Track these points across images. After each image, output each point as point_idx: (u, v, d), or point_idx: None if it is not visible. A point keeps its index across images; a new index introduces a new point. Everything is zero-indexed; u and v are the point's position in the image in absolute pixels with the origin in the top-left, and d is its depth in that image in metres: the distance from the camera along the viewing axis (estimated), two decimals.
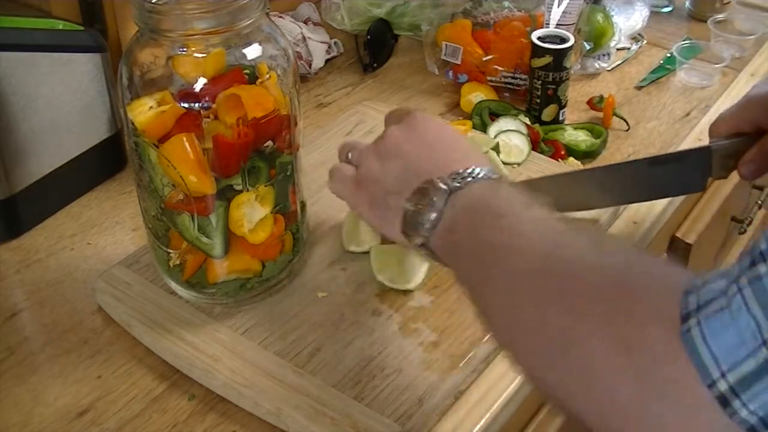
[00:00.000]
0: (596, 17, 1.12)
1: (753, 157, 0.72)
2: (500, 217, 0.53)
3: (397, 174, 0.63)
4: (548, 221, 0.52)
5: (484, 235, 0.54)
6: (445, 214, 0.57)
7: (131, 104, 0.65)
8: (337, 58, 1.18)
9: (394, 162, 0.63)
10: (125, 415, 0.66)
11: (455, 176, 0.58)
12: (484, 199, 0.56)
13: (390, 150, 0.64)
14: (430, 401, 0.65)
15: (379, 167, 0.64)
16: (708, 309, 0.39)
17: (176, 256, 0.70)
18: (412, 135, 0.65)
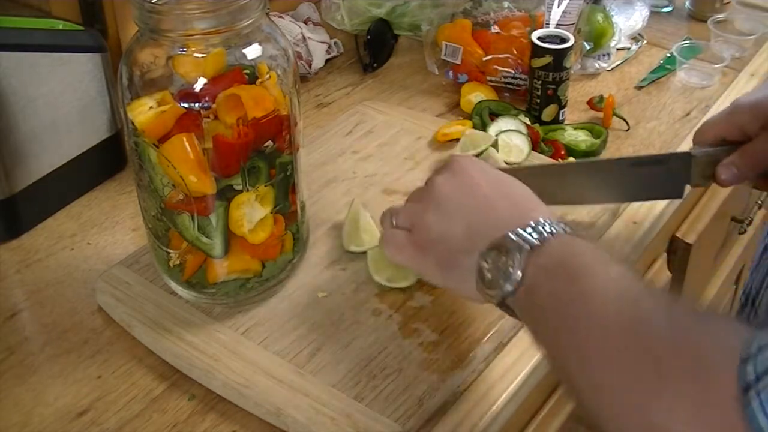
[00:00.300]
0: (596, 17, 1.12)
1: (734, 161, 0.71)
2: (578, 279, 0.53)
3: (463, 231, 0.61)
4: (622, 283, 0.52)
5: (562, 300, 0.53)
6: (524, 277, 0.56)
7: (131, 104, 0.65)
8: (337, 58, 1.18)
9: (454, 219, 0.62)
10: (125, 415, 0.66)
11: (531, 230, 0.57)
12: (561, 259, 0.55)
13: (445, 205, 0.62)
14: (430, 401, 0.65)
15: (440, 226, 0.62)
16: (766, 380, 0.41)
17: (176, 256, 0.70)
18: (463, 185, 0.63)
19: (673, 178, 0.75)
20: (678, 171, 0.74)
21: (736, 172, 0.71)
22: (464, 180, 0.63)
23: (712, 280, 1.36)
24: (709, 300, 1.33)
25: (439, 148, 0.94)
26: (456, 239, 0.61)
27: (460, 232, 0.61)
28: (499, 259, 0.57)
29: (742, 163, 0.70)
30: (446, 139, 0.95)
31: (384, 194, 0.87)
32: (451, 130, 0.95)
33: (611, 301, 0.51)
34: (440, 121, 1.01)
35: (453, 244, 0.61)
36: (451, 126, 0.96)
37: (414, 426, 0.63)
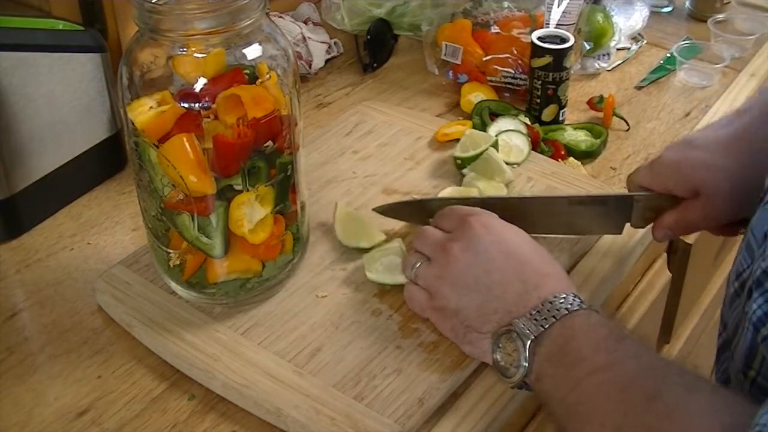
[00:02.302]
0: (596, 17, 1.12)
1: (669, 224, 0.73)
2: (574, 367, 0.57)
3: (476, 310, 0.65)
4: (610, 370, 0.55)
5: (563, 390, 0.58)
6: (533, 365, 0.60)
7: (131, 104, 0.65)
8: (337, 58, 1.18)
9: (469, 294, 0.65)
10: (125, 415, 0.66)
11: (537, 314, 0.61)
12: (561, 346, 0.59)
13: (459, 279, 0.66)
14: (430, 401, 0.65)
15: (455, 300, 0.66)
16: None
17: (176, 256, 0.70)
18: (477, 258, 0.66)
19: (613, 217, 0.76)
20: (619, 211, 0.75)
21: (670, 234, 0.73)
22: (480, 253, 0.66)
23: (712, 280, 1.36)
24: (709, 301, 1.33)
25: (439, 148, 0.94)
26: (470, 317, 0.65)
27: (474, 311, 0.65)
28: (507, 346, 0.62)
29: (676, 227, 0.73)
30: (446, 139, 0.95)
31: (384, 194, 0.87)
32: (451, 130, 0.95)
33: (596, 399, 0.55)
34: (440, 121, 1.01)
35: (467, 322, 0.65)
36: (451, 126, 0.96)
37: (414, 426, 0.63)
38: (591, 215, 0.76)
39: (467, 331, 0.66)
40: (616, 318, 0.89)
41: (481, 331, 0.65)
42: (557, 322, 0.60)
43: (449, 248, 0.67)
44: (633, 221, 0.75)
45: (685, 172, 0.70)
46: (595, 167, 0.96)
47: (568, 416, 0.57)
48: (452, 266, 0.66)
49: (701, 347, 1.32)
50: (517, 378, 0.61)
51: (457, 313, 0.66)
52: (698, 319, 1.30)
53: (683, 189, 0.71)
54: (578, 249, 0.80)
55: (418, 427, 0.64)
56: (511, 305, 0.63)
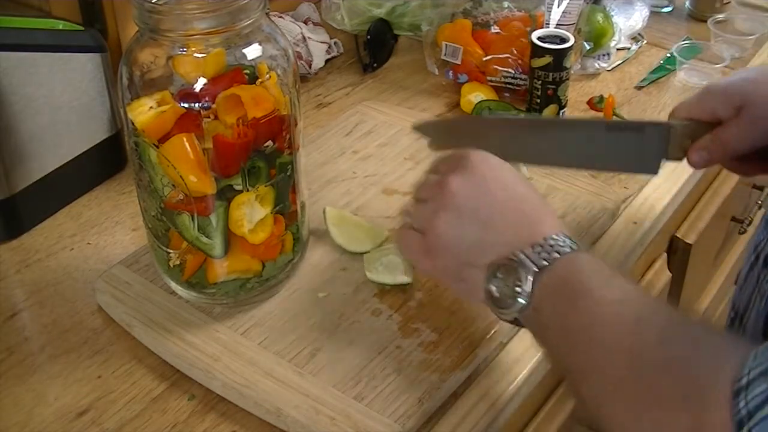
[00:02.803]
0: (596, 17, 1.12)
1: (705, 144, 0.71)
2: (580, 298, 0.55)
3: (473, 242, 0.62)
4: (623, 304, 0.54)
5: (565, 321, 0.56)
6: (532, 297, 0.57)
7: (131, 104, 0.65)
8: (337, 58, 1.18)
9: (466, 228, 0.62)
10: (125, 415, 0.66)
11: (540, 250, 0.58)
12: (566, 279, 0.57)
13: (458, 211, 0.62)
14: (430, 401, 0.65)
15: (451, 233, 0.62)
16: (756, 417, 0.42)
17: (176, 256, 0.70)
18: (478, 190, 0.63)
19: (650, 150, 0.72)
20: (655, 142, 0.72)
21: (706, 156, 0.71)
22: (478, 184, 0.63)
23: (712, 280, 1.36)
24: (709, 301, 1.33)
25: None
26: (465, 251, 0.62)
27: (470, 244, 0.62)
28: (507, 278, 0.59)
29: (713, 148, 0.71)
30: None
31: (384, 194, 0.87)
32: None
33: (609, 324, 0.53)
34: None
35: (462, 256, 0.62)
36: None
37: (414, 426, 0.63)
38: (627, 145, 0.72)
39: (462, 267, 0.62)
40: None
41: (476, 265, 0.61)
42: (562, 257, 0.58)
43: (446, 182, 0.63)
44: (670, 152, 0.72)
45: (731, 91, 0.70)
46: None
47: (569, 346, 0.55)
48: (449, 199, 0.63)
49: None
50: (515, 308, 0.58)
51: (453, 248, 0.62)
52: None
53: (728, 106, 0.70)
54: None
55: (418, 427, 0.64)
56: (511, 238, 0.60)
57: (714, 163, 0.71)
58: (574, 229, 0.82)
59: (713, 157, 0.71)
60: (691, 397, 0.46)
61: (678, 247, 1.04)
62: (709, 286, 1.35)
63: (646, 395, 0.48)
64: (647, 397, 0.48)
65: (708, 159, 0.71)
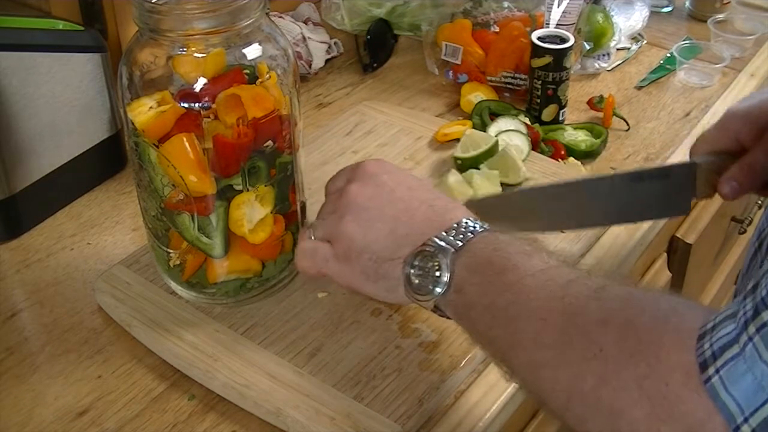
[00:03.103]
0: (596, 17, 1.12)
1: (734, 174, 0.68)
2: (504, 272, 0.54)
3: (386, 239, 0.61)
4: (548, 271, 0.53)
5: (492, 295, 0.54)
6: (453, 278, 0.57)
7: (131, 104, 0.65)
8: (337, 58, 1.18)
9: (375, 226, 0.61)
10: (125, 415, 0.66)
11: (453, 232, 0.58)
12: (486, 257, 0.56)
13: (365, 213, 0.62)
14: (430, 401, 0.65)
15: (362, 236, 0.61)
16: (723, 357, 0.42)
17: (176, 256, 0.70)
18: (380, 192, 0.62)
19: (678, 192, 0.69)
20: (682, 183, 0.68)
21: (737, 186, 0.68)
22: (379, 186, 0.62)
23: (712, 280, 1.36)
24: (709, 301, 1.33)
25: (439, 148, 0.94)
26: (380, 248, 0.61)
27: (384, 241, 0.61)
28: (425, 264, 0.58)
29: (742, 177, 0.68)
30: (446, 139, 0.95)
31: None
32: (451, 130, 0.95)
33: (539, 291, 0.51)
34: (440, 121, 1.01)
35: (378, 254, 0.61)
36: (451, 126, 0.96)
37: (414, 426, 0.63)
38: (656, 192, 0.68)
39: (378, 265, 0.61)
40: None
41: (393, 258, 0.60)
42: (479, 236, 0.57)
43: (347, 190, 0.62)
44: (698, 191, 0.68)
45: (755, 113, 0.67)
46: (595, 167, 0.96)
47: (497, 321, 0.53)
48: (353, 204, 0.62)
49: None
50: (436, 293, 0.57)
51: (365, 249, 0.61)
52: None
53: (751, 132, 0.67)
54: (577, 250, 0.80)
55: (418, 427, 0.64)
56: (423, 227, 0.59)
57: (746, 192, 0.69)
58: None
59: (744, 186, 0.68)
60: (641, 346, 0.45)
61: (678, 247, 1.04)
62: (709, 286, 1.35)
63: (586, 352, 0.47)
64: (588, 353, 0.47)
65: (739, 189, 0.68)
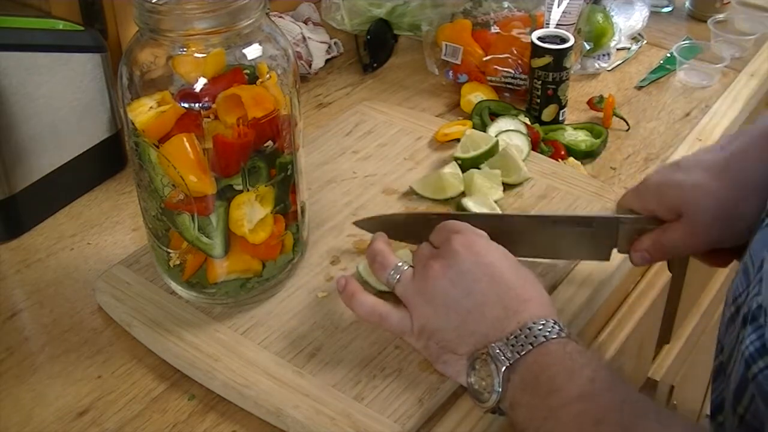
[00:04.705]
0: (596, 17, 1.12)
1: (646, 246, 0.70)
2: (549, 396, 0.57)
3: (453, 331, 0.63)
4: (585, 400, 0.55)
5: (538, 420, 0.57)
6: (507, 392, 0.59)
7: (131, 104, 0.65)
8: (337, 58, 1.18)
9: (448, 317, 0.63)
10: (125, 415, 0.66)
11: (514, 340, 0.60)
12: (535, 374, 0.58)
13: (439, 297, 0.64)
14: (430, 401, 0.65)
15: (434, 321, 0.64)
16: None
17: (176, 256, 0.70)
18: (460, 278, 0.64)
19: (600, 241, 0.72)
20: (605, 234, 0.72)
21: (648, 257, 0.70)
22: (462, 273, 0.64)
23: (712, 280, 1.36)
24: (709, 300, 1.33)
25: (439, 148, 0.94)
26: (447, 339, 0.63)
27: (452, 333, 0.63)
28: (482, 368, 0.61)
29: (653, 250, 0.70)
30: (446, 139, 0.95)
31: (384, 194, 0.87)
32: (451, 130, 0.95)
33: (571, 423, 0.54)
34: (440, 121, 1.01)
35: (443, 342, 0.64)
36: (451, 126, 0.96)
37: (414, 426, 0.63)
38: (577, 237, 0.73)
39: (442, 351, 0.64)
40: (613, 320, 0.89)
41: (456, 353, 0.63)
42: (533, 349, 0.59)
43: (430, 266, 0.65)
44: (619, 245, 0.72)
45: (669, 192, 0.68)
46: (595, 167, 0.96)
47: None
48: (432, 284, 0.64)
49: (701, 347, 1.32)
50: (490, 404, 0.60)
51: (433, 335, 0.64)
52: (698, 319, 1.30)
53: (666, 210, 0.68)
54: None
55: (418, 427, 0.64)
56: (488, 329, 0.62)
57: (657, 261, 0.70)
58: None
59: (654, 258, 0.70)
60: None
61: None
62: (709, 286, 1.35)
63: None
64: None
65: (649, 260, 0.71)
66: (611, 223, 0.71)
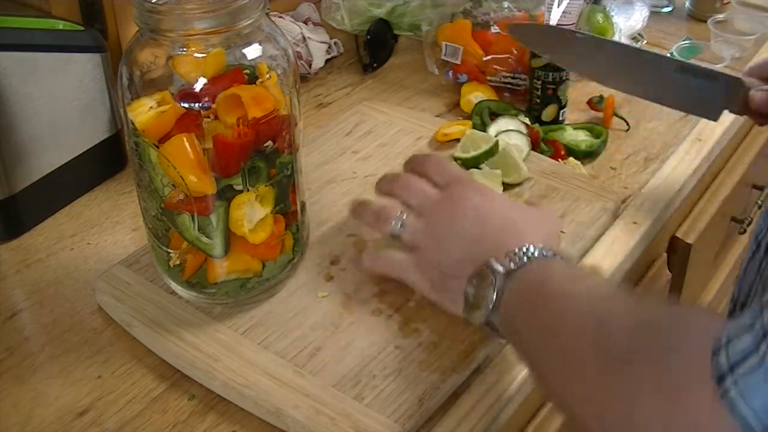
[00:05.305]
0: (596, 17, 1.12)
1: None
2: (552, 298, 0.58)
3: (456, 259, 0.67)
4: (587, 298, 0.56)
5: (538, 317, 0.58)
6: (504, 295, 0.61)
7: (131, 104, 0.65)
8: (337, 58, 1.18)
9: (451, 244, 0.67)
10: (125, 415, 0.66)
11: (512, 256, 0.62)
12: (537, 281, 0.60)
13: (450, 234, 0.68)
14: (430, 401, 0.65)
15: (437, 250, 0.68)
16: (741, 368, 0.42)
17: (176, 256, 0.70)
18: (463, 211, 0.68)
19: (716, 96, 0.75)
20: (724, 92, 0.75)
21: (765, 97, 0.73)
22: (472, 209, 0.68)
23: (712, 280, 1.36)
24: (709, 300, 1.33)
25: (439, 148, 0.94)
26: (449, 266, 0.67)
27: (454, 260, 0.67)
28: (481, 283, 0.63)
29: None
30: (446, 139, 0.95)
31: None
32: (451, 130, 0.95)
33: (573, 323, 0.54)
34: (440, 121, 1.01)
35: (445, 270, 0.67)
36: (451, 126, 0.96)
37: (414, 426, 0.63)
38: (692, 87, 0.76)
39: (445, 279, 0.67)
40: None
41: (458, 276, 0.66)
42: (533, 261, 0.61)
43: (437, 206, 0.68)
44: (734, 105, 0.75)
45: None
46: (595, 167, 0.96)
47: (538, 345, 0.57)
48: (443, 222, 0.68)
49: None
50: (484, 311, 0.62)
51: (438, 266, 0.68)
52: None
53: None
54: (578, 249, 0.80)
55: (418, 427, 0.64)
56: (490, 250, 0.64)
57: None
58: (574, 229, 0.82)
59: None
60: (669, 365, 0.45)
61: (678, 247, 1.04)
62: (709, 285, 1.35)
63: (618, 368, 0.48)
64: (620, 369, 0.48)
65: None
66: (736, 84, 0.74)
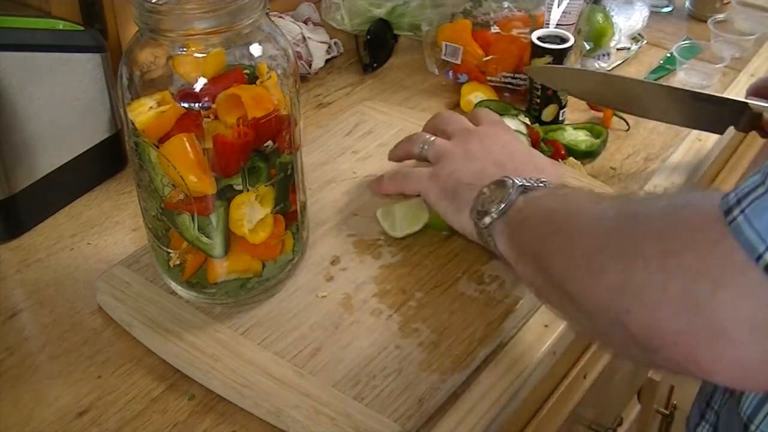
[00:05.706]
0: (596, 17, 1.12)
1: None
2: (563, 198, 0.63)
3: (476, 171, 0.72)
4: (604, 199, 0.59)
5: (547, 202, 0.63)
6: (517, 201, 0.65)
7: (131, 104, 0.65)
8: (337, 58, 1.18)
9: (476, 162, 0.73)
10: (125, 415, 0.66)
11: (531, 180, 0.67)
12: (549, 195, 0.65)
13: (475, 154, 0.75)
14: (430, 401, 0.65)
15: (461, 159, 0.74)
16: (747, 199, 0.42)
17: (176, 256, 0.70)
18: (494, 140, 0.76)
19: (722, 119, 0.88)
20: (728, 115, 0.87)
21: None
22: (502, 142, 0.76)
23: None
24: None
25: None
26: (468, 174, 0.72)
27: (474, 170, 0.72)
28: (495, 190, 0.68)
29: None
30: None
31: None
32: None
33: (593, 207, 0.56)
34: None
35: (460, 178, 0.73)
36: None
37: (414, 426, 0.63)
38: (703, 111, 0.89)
39: (459, 186, 0.72)
40: None
41: (471, 183, 0.70)
42: (547, 187, 0.66)
43: (475, 133, 0.77)
44: (739, 125, 0.87)
45: None
46: (595, 167, 0.96)
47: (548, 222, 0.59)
48: (474, 141, 0.75)
49: None
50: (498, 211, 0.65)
51: (454, 173, 0.73)
52: None
53: None
54: None
55: (418, 427, 0.64)
56: (509, 172, 0.69)
57: None
58: None
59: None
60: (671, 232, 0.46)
61: None
62: None
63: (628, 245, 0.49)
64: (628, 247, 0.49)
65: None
66: (740, 107, 0.86)
